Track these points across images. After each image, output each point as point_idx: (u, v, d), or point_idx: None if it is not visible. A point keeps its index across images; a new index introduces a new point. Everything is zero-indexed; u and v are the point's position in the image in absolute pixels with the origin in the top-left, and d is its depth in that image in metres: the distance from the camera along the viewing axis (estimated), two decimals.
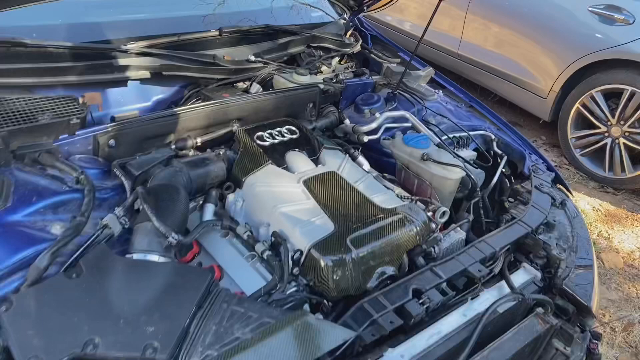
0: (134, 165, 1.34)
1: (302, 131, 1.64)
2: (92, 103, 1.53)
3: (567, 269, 1.52)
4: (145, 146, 1.47)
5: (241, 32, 1.90)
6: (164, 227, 1.18)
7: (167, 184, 1.30)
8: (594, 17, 3.41)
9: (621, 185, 3.50)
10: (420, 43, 1.88)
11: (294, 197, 1.39)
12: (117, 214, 1.22)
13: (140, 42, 1.67)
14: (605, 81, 3.41)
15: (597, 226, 3.16)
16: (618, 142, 3.43)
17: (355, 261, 1.26)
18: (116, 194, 1.33)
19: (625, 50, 3.26)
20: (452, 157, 1.69)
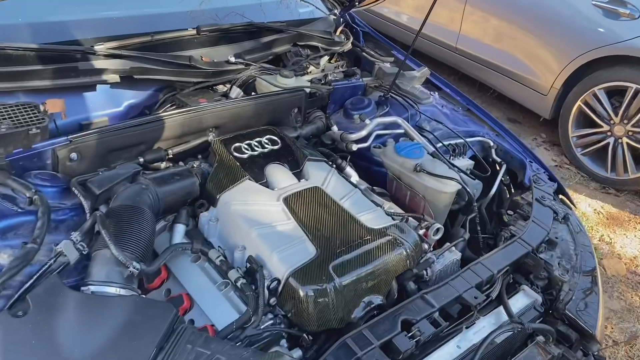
0: (95, 183, 1.21)
1: (284, 141, 1.51)
2: (54, 111, 1.40)
3: (570, 291, 1.41)
4: (112, 159, 1.35)
5: (221, 31, 1.76)
6: (123, 256, 1.06)
7: (130, 204, 1.18)
8: (598, 11, 3.27)
9: (624, 186, 3.38)
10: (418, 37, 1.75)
11: (273, 217, 1.27)
12: (73, 239, 1.10)
13: (110, 42, 1.53)
14: (609, 78, 3.27)
15: (598, 230, 3.05)
16: (621, 142, 3.30)
17: (338, 290, 1.14)
18: (76, 215, 1.20)
19: (630, 46, 3.12)
20: (447, 168, 1.57)
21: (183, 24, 1.70)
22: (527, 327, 1.26)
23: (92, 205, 1.19)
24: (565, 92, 3.52)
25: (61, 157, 1.26)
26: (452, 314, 1.27)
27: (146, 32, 1.62)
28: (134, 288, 1.08)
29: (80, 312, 0.97)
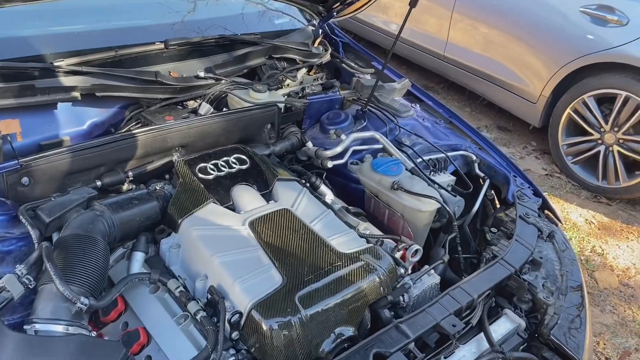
0: (45, 210, 1.14)
1: (253, 160, 1.43)
2: (8, 132, 1.33)
3: (555, 315, 1.33)
4: (69, 183, 1.27)
5: (190, 44, 1.69)
6: (69, 291, 0.98)
7: (81, 233, 1.10)
8: (586, 18, 3.21)
9: (615, 194, 3.32)
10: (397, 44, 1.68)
11: (238, 243, 1.19)
12: (18, 272, 1.02)
13: (71, 58, 1.47)
14: (598, 85, 3.21)
15: (590, 241, 2.98)
16: (612, 150, 3.24)
17: (304, 323, 1.06)
18: (25, 245, 1.13)
19: (619, 52, 3.07)
20: (426, 185, 1.50)
21: (151, 37, 1.63)
22: (509, 357, 1.18)
23: (42, 234, 1.11)
24: (555, 100, 3.46)
25: (11, 182, 1.19)
26: (430, 344, 1.19)
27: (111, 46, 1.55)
28: (83, 325, 1.00)
29: (19, 355, 0.90)
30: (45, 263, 1.01)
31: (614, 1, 3.14)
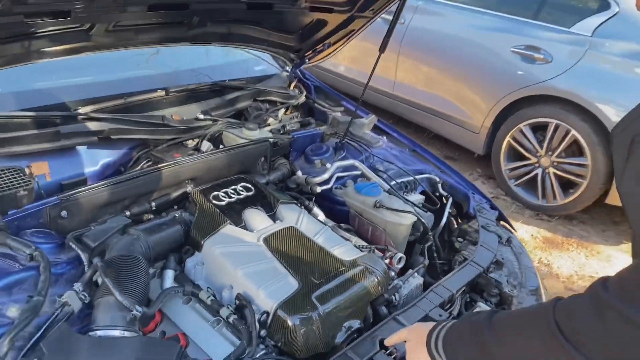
0: (90, 237, 1.31)
1: (257, 187, 1.65)
2: (39, 173, 1.49)
3: (519, 304, 1.60)
4: (99, 214, 1.44)
5: (188, 91, 1.91)
6: (127, 301, 1.15)
7: (126, 254, 1.28)
8: (517, 57, 3.66)
9: (554, 212, 3.71)
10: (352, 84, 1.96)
11: (255, 257, 1.39)
12: (76, 289, 1.18)
13: (87, 106, 1.65)
14: (532, 115, 3.64)
15: (536, 253, 3.33)
16: (548, 172, 3.65)
17: (322, 318, 1.27)
18: (72, 268, 1.29)
19: (547, 86, 3.51)
20: (402, 203, 1.75)
21: (153, 85, 1.84)
22: None
23: (89, 257, 1.28)
24: (495, 130, 3.86)
25: (53, 215, 1.35)
26: None
27: (119, 93, 1.75)
28: (136, 330, 1.17)
29: (92, 355, 1.06)
30: (102, 279, 1.18)
31: (540, 42, 3.60)
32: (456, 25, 4.03)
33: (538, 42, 3.60)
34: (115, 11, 1.42)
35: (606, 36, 3.40)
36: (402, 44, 4.21)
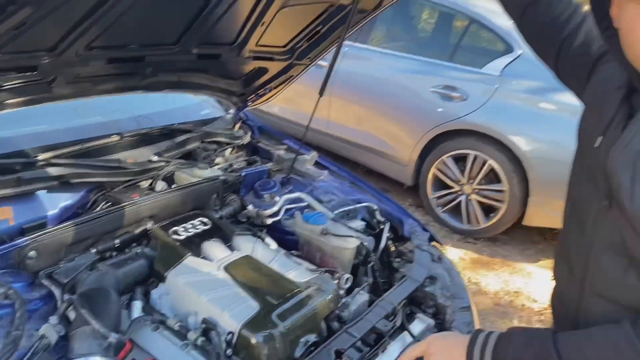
0: (61, 274, 1.40)
1: (213, 221, 1.79)
2: (3, 218, 1.55)
3: (453, 313, 1.81)
4: (66, 253, 1.52)
5: (140, 135, 2.03)
6: (103, 328, 1.25)
7: (98, 287, 1.37)
8: (436, 96, 4.02)
9: (479, 234, 4.04)
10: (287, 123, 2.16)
11: (217, 284, 1.52)
12: (52, 323, 1.27)
13: (46, 153, 1.74)
14: (453, 148, 3.99)
15: (465, 273, 3.61)
16: (470, 198, 3.99)
17: (282, 334, 1.41)
18: (45, 304, 1.36)
19: (464, 121, 3.88)
20: (346, 229, 1.94)
21: (108, 130, 1.95)
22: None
23: (62, 293, 1.36)
24: (421, 162, 4.18)
25: (22, 256, 1.42)
26: (370, 342, 1.58)
27: (76, 140, 1.84)
28: (112, 356, 1.26)
29: None
30: (78, 310, 1.27)
31: (456, 82, 3.98)
32: (382, 69, 4.37)
33: (454, 82, 3.98)
34: (78, 65, 1.54)
35: (512, 75, 3.82)
36: (334, 86, 4.47)
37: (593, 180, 1.07)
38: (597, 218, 1.05)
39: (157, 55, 1.77)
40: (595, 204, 1.05)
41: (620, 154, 0.96)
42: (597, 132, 1.05)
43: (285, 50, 2.19)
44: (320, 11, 2.07)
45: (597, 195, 1.05)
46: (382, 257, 2.12)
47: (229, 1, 1.63)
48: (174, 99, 2.29)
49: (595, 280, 1.06)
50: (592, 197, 1.07)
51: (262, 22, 1.87)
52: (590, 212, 1.07)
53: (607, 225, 1.02)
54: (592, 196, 1.07)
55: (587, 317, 1.10)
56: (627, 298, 1.01)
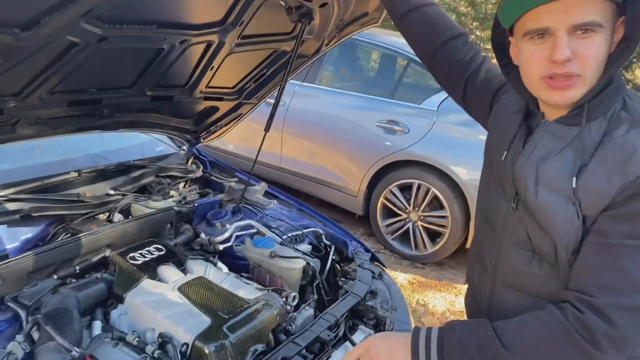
0: (26, 297, 1.51)
1: (167, 247, 1.93)
2: None
3: (391, 323, 1.99)
4: (29, 280, 1.64)
5: (98, 171, 2.17)
6: (67, 343, 1.37)
7: (60, 307, 1.50)
8: (381, 130, 4.30)
9: (426, 259, 4.27)
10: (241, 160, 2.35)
11: (172, 303, 1.66)
12: (18, 340, 1.38)
13: (7, 189, 1.86)
14: (398, 177, 4.25)
15: (414, 296, 3.81)
16: (417, 225, 4.23)
17: (233, 344, 1.55)
18: (9, 326, 1.47)
19: (407, 152, 4.15)
20: (293, 252, 2.11)
21: (66, 168, 2.09)
22: None
23: (27, 314, 1.48)
24: (370, 192, 4.42)
25: None
26: (314, 350, 1.74)
27: (36, 177, 1.97)
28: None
29: None
30: (43, 327, 1.39)
31: (398, 116, 4.28)
32: (329, 106, 4.64)
33: (396, 116, 4.28)
34: (41, 108, 1.70)
35: (448, 110, 4.14)
36: (285, 123, 4.71)
37: (501, 188, 1.29)
38: (505, 219, 1.27)
39: (113, 98, 1.94)
40: (505, 207, 1.27)
41: (525, 162, 1.18)
42: (503, 148, 1.29)
43: (234, 91, 2.40)
44: (266, 56, 2.29)
45: (505, 200, 1.27)
46: (328, 277, 2.30)
47: (179, 49, 1.82)
48: (129, 137, 2.45)
49: (505, 273, 1.27)
50: (501, 202, 1.29)
51: (211, 66, 2.07)
52: (500, 215, 1.29)
53: (514, 224, 1.24)
54: (501, 201, 1.29)
55: (499, 307, 1.30)
56: (531, 285, 1.22)
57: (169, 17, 1.64)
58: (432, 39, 1.50)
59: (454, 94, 1.58)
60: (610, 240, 1.04)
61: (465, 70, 1.50)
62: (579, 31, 1.03)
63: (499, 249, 1.27)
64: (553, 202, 1.12)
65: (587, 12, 1.01)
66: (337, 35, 2.21)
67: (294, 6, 1.82)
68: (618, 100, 1.11)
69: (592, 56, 1.04)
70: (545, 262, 1.17)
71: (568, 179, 1.10)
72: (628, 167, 1.04)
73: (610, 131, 1.09)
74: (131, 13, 1.51)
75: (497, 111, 1.40)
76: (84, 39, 1.48)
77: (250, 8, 1.74)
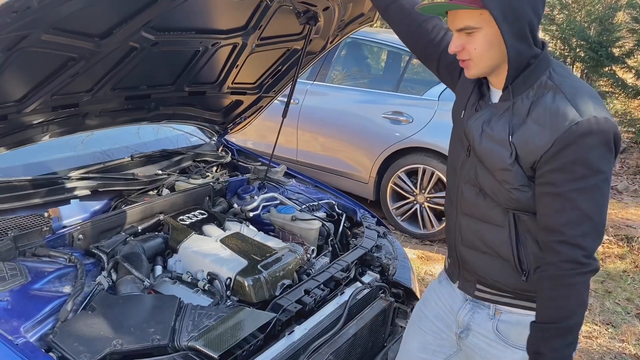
0: (105, 246, 1.96)
1: (209, 212, 2.37)
2: (54, 216, 2.11)
3: (393, 269, 2.39)
4: (101, 238, 2.08)
5: (146, 157, 2.62)
6: (141, 275, 1.81)
7: (132, 252, 1.94)
8: (387, 121, 4.71)
9: (434, 237, 4.65)
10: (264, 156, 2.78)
11: (216, 251, 2.09)
12: (104, 275, 1.83)
13: (79, 170, 2.31)
14: (405, 163, 4.64)
15: (423, 268, 4.20)
16: (424, 206, 4.62)
17: (266, 279, 1.97)
18: (93, 267, 1.91)
19: (412, 140, 4.55)
20: (311, 216, 2.53)
21: (120, 154, 2.54)
22: (373, 285, 2.19)
23: (107, 257, 1.92)
24: (380, 179, 4.82)
25: (74, 237, 1.98)
26: (330, 286, 2.15)
27: (99, 162, 2.43)
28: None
29: (127, 303, 1.70)
30: (121, 264, 1.83)
31: (402, 108, 4.68)
32: (339, 102, 5.05)
33: (401, 108, 4.68)
34: (104, 102, 2.15)
35: (448, 99, 4.52)
36: (300, 120, 5.14)
37: (460, 140, 1.68)
38: (462, 164, 1.66)
39: (159, 93, 2.39)
40: (462, 155, 1.66)
41: (474, 122, 1.55)
42: (461, 109, 1.67)
43: (255, 86, 2.83)
44: (280, 54, 2.72)
45: (462, 150, 1.66)
46: (341, 238, 2.71)
47: (212, 51, 2.26)
48: (170, 131, 2.91)
49: (462, 204, 1.66)
50: (460, 151, 1.68)
51: (236, 64, 2.51)
52: (459, 161, 1.68)
53: (467, 167, 1.63)
54: (460, 151, 1.68)
55: (461, 229, 1.69)
56: (478, 213, 1.61)
57: (204, 24, 2.08)
58: (408, 25, 1.86)
59: (431, 68, 1.93)
60: (560, 189, 1.39)
61: (437, 49, 1.82)
62: (464, 32, 1.44)
63: (458, 186, 1.67)
64: (492, 148, 1.50)
65: (463, 19, 1.42)
66: (340, 33, 2.63)
67: (302, 11, 2.24)
68: (544, 73, 1.46)
69: (472, 48, 1.44)
70: (487, 196, 1.56)
71: (504, 133, 1.48)
72: (555, 126, 1.39)
73: (539, 97, 1.45)
74: (176, 22, 1.96)
75: (462, 80, 1.79)
76: (142, 44, 1.93)
77: (267, 14, 2.17)
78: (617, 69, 8.98)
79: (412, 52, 1.97)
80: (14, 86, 1.81)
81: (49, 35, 1.56)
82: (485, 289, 1.62)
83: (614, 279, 4.26)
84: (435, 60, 1.85)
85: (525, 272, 1.52)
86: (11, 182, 2.10)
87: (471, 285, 1.66)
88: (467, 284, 1.67)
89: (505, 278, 1.56)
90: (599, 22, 9.36)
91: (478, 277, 1.63)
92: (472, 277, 1.65)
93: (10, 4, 1.26)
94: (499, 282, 1.58)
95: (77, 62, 1.78)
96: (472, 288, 1.65)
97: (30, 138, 2.15)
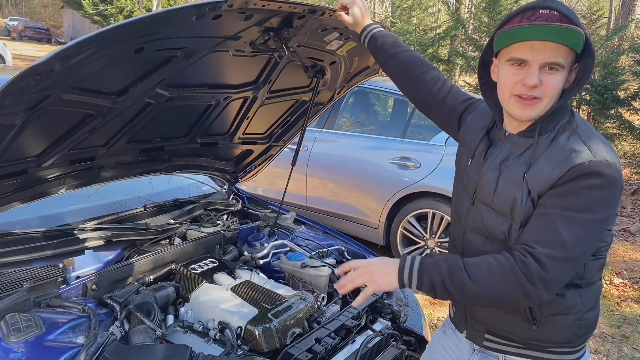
0: (118, 296, 1.98)
1: (219, 261, 2.40)
2: (69, 266, 2.15)
3: (405, 316, 2.39)
4: (114, 287, 2.11)
5: (159, 206, 2.67)
6: (153, 325, 1.83)
7: (144, 301, 1.96)
8: (395, 166, 4.77)
9: None
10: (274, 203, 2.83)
11: (227, 299, 2.11)
12: (117, 325, 1.85)
13: (91, 222, 2.37)
14: (415, 208, 4.67)
15: (435, 314, 4.15)
16: (435, 251, 4.61)
17: (276, 327, 1.98)
18: (106, 317, 1.94)
19: (420, 185, 4.59)
20: (321, 262, 2.55)
21: (133, 205, 2.60)
22: (384, 333, 2.19)
23: (120, 308, 1.94)
24: (389, 224, 4.83)
25: (88, 287, 2.01)
26: (341, 335, 2.15)
27: (113, 212, 2.48)
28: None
29: (139, 355, 1.71)
30: (135, 314, 1.85)
31: (410, 153, 4.74)
32: (347, 148, 5.14)
33: (408, 153, 4.74)
34: (120, 154, 2.22)
35: (454, 144, 4.54)
36: (309, 166, 5.22)
37: (464, 188, 1.71)
38: (467, 212, 1.69)
39: (172, 145, 2.47)
40: (466, 203, 1.69)
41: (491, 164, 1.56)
42: (469, 157, 1.71)
43: (265, 136, 2.91)
44: (289, 105, 2.81)
45: (467, 197, 1.69)
46: None
47: (223, 104, 2.35)
48: (181, 181, 2.97)
49: (466, 251, 1.68)
50: (464, 199, 1.71)
51: (247, 116, 2.60)
52: (463, 209, 1.71)
53: (471, 215, 1.66)
54: (464, 198, 1.71)
55: None
56: None
57: (215, 80, 2.17)
58: (406, 77, 1.93)
59: (430, 117, 1.98)
60: (548, 210, 1.42)
61: (434, 98, 1.87)
62: (547, 67, 1.43)
63: (463, 234, 1.68)
64: (510, 187, 1.52)
65: (556, 55, 1.42)
66: (346, 85, 2.72)
67: (310, 65, 2.33)
68: (565, 118, 1.52)
69: (552, 87, 1.44)
70: (495, 241, 1.57)
71: (520, 171, 1.51)
72: (566, 162, 1.43)
73: (556, 138, 1.49)
74: (189, 79, 2.05)
75: (465, 129, 1.83)
76: (156, 100, 2.01)
77: (277, 69, 2.26)
78: (623, 111, 9.07)
79: (412, 103, 2.03)
80: (34, 142, 1.88)
81: (69, 95, 1.65)
82: (494, 338, 1.61)
83: (631, 323, 4.18)
84: (434, 109, 1.90)
85: (536, 321, 1.52)
86: (27, 234, 2.15)
87: (479, 334, 1.65)
88: (475, 334, 1.67)
89: (515, 327, 1.56)
90: (602, 66, 9.49)
91: (486, 327, 1.63)
92: (481, 326, 1.64)
93: (34, 68, 1.34)
94: (508, 332, 1.57)
95: (95, 118, 1.86)
96: (481, 338, 1.65)
97: (47, 191, 2.21)
